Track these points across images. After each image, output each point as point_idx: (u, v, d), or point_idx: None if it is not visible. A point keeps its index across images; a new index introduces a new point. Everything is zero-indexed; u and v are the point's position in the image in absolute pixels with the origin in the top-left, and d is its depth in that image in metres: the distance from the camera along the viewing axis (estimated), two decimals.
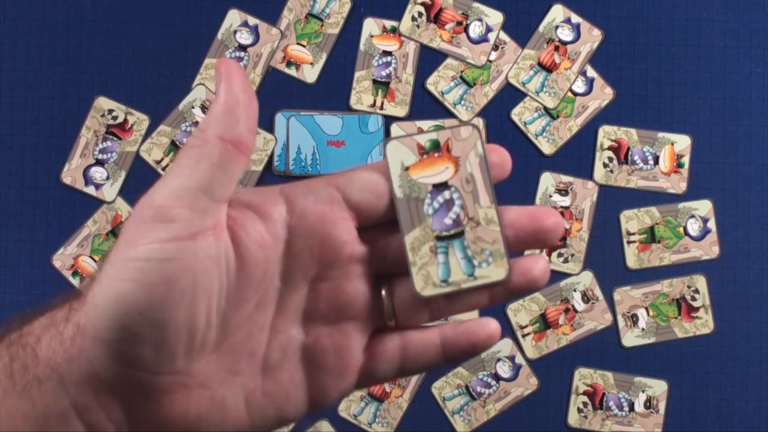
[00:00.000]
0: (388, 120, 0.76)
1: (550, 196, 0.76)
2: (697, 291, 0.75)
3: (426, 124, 0.76)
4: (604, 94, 0.77)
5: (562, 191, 0.76)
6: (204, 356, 0.29)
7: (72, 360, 0.27)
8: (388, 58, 0.77)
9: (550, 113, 0.77)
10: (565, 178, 0.76)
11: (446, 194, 0.31)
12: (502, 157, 0.31)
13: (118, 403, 0.28)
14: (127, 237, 0.27)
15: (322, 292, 0.31)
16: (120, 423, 0.28)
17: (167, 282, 0.26)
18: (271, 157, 0.76)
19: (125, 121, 0.76)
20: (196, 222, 0.27)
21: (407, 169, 0.31)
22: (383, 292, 0.31)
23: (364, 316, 0.31)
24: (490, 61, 0.77)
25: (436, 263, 0.31)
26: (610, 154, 0.76)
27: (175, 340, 0.27)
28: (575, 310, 0.76)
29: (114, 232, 0.76)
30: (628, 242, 0.76)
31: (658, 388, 0.75)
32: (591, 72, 0.77)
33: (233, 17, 0.77)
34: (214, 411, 0.29)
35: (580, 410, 0.75)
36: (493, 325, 0.32)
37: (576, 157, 0.76)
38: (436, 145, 0.31)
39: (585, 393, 0.75)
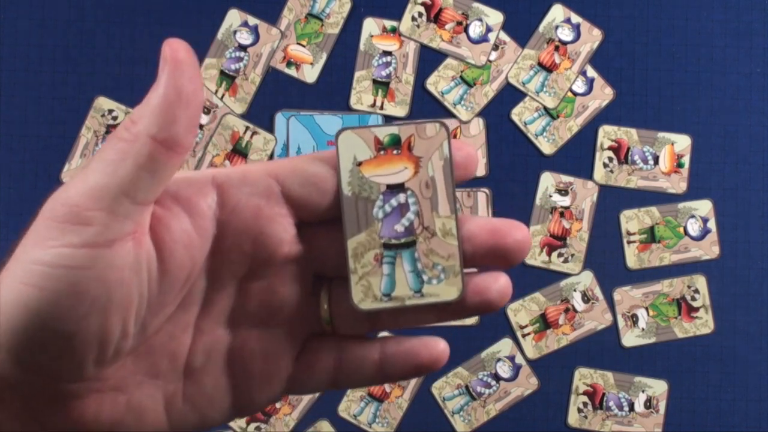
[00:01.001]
0: (388, 120, 0.76)
1: (550, 196, 0.76)
2: (697, 291, 0.75)
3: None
4: (604, 94, 0.77)
5: (562, 191, 0.76)
6: (118, 361, 0.26)
7: None
8: (388, 58, 0.77)
9: (550, 113, 0.77)
10: (565, 178, 0.76)
11: (401, 197, 0.28)
12: (467, 157, 0.28)
13: (23, 405, 0.25)
14: (35, 235, 0.24)
15: (253, 292, 0.28)
16: (27, 422, 0.26)
17: (75, 292, 0.23)
18: (271, 157, 0.76)
19: None
20: (114, 227, 0.24)
21: (360, 164, 0.28)
22: (322, 296, 0.28)
23: (297, 320, 0.28)
24: (490, 61, 0.77)
25: (380, 274, 0.28)
26: (610, 154, 0.76)
27: (83, 351, 0.24)
28: (575, 310, 0.76)
29: None
30: (628, 242, 0.76)
31: (658, 388, 0.75)
32: (591, 72, 0.77)
33: (233, 17, 0.77)
34: (131, 416, 0.27)
35: (580, 410, 0.75)
36: (440, 346, 0.29)
37: (576, 157, 0.76)
38: (395, 141, 0.28)
39: (585, 393, 0.75)
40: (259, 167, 0.27)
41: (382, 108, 0.76)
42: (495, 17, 0.77)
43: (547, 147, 0.76)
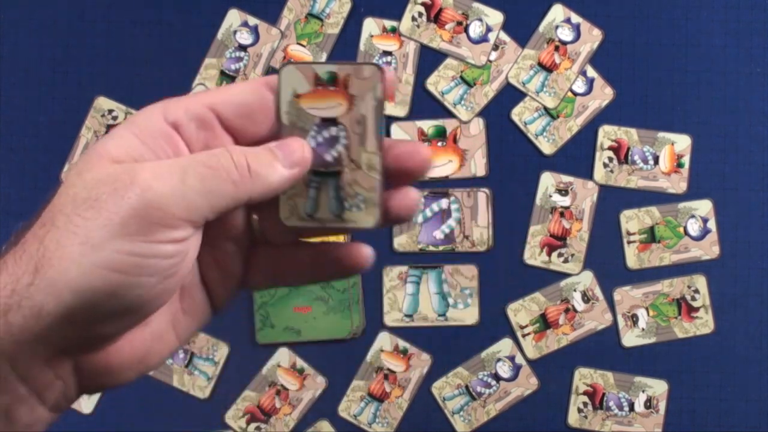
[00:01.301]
0: (388, 120, 0.76)
1: (550, 196, 0.76)
2: (697, 291, 0.75)
3: (426, 124, 0.76)
4: (604, 94, 0.77)
5: (562, 191, 0.76)
6: None
7: (21, 343, 0.26)
8: (388, 58, 0.77)
9: (550, 113, 0.77)
10: (565, 178, 0.76)
11: (333, 130, 0.30)
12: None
13: (68, 362, 0.28)
14: (121, 229, 0.26)
15: None
16: (68, 379, 0.28)
17: (159, 278, 0.27)
18: None
19: None
20: (191, 231, 0.28)
21: (299, 96, 0.30)
22: (253, 215, 0.32)
23: (240, 233, 0.32)
24: (490, 61, 0.77)
25: (306, 196, 0.31)
26: (610, 154, 0.76)
27: (141, 317, 0.29)
28: (575, 310, 0.76)
29: None
30: (628, 242, 0.76)
31: (658, 388, 0.75)
32: (591, 72, 0.77)
33: (233, 17, 0.77)
34: (156, 344, 0.30)
35: (580, 410, 0.75)
36: (364, 253, 0.32)
37: (576, 157, 0.76)
38: (333, 79, 0.30)
39: (585, 393, 0.75)
40: (198, 100, 0.30)
41: None
42: (495, 17, 0.77)
43: (547, 147, 0.76)
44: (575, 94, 0.77)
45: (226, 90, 0.30)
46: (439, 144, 0.76)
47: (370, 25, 0.77)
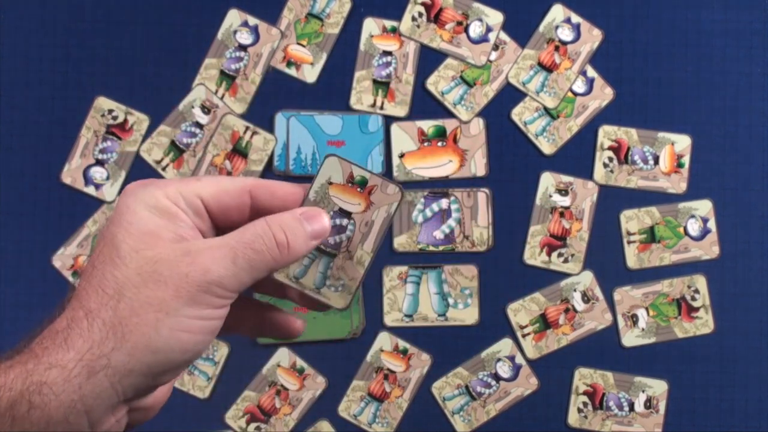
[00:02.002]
0: (388, 120, 0.76)
1: (550, 196, 0.76)
2: (697, 291, 0.75)
3: (426, 123, 0.76)
4: (604, 94, 0.77)
5: (562, 191, 0.76)
6: None
7: (102, 398, 0.31)
8: (388, 58, 0.77)
9: (550, 113, 0.77)
10: (565, 178, 0.76)
11: (344, 221, 0.36)
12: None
13: (125, 407, 0.32)
14: (189, 299, 0.32)
15: None
16: (122, 420, 0.33)
17: (213, 332, 0.34)
18: (271, 157, 0.76)
19: (125, 121, 0.76)
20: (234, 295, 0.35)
21: (331, 184, 0.36)
22: None
23: None
24: (490, 61, 0.77)
25: (300, 264, 0.36)
26: (610, 154, 0.76)
27: (191, 364, 0.34)
28: (575, 310, 0.76)
29: None
30: (628, 242, 0.76)
31: (658, 388, 0.75)
32: (591, 72, 0.77)
33: (233, 17, 0.77)
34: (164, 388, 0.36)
35: (580, 410, 0.75)
36: (296, 324, 0.40)
37: (576, 157, 0.76)
38: (362, 183, 0.36)
39: (585, 393, 0.75)
40: (191, 189, 0.34)
41: (382, 108, 0.76)
42: (495, 17, 0.77)
43: (547, 147, 0.76)
44: (575, 94, 0.77)
45: (215, 184, 0.35)
46: (439, 144, 0.76)
47: (370, 25, 0.77)
